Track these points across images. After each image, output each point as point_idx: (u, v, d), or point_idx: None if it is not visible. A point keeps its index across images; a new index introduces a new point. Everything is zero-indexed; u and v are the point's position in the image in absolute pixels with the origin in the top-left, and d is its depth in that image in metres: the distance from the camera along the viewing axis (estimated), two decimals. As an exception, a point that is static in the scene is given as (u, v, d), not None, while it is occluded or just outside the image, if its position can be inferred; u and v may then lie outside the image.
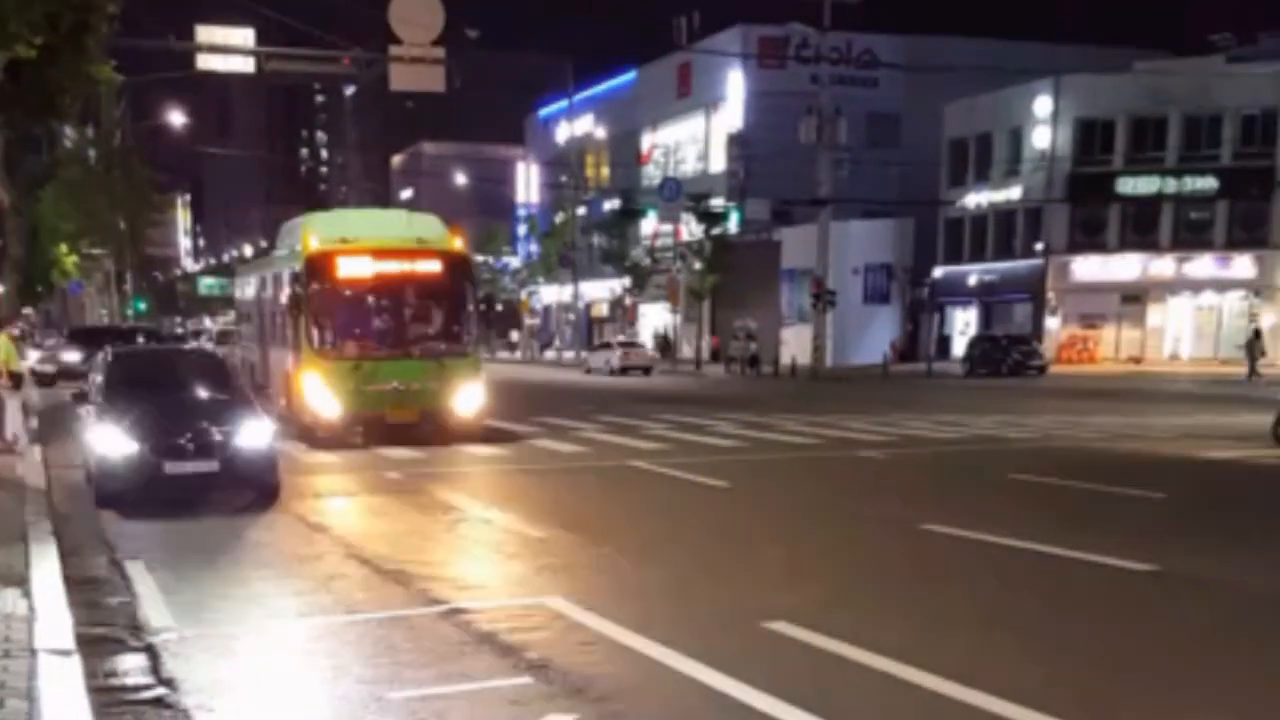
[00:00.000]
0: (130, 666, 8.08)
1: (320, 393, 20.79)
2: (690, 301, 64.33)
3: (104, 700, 7.26)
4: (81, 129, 49.14)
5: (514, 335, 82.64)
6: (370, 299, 21.85)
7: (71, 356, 36.95)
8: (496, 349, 72.71)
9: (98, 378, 16.72)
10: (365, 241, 21.40)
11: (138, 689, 7.62)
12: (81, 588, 10.10)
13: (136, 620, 9.28)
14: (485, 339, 23.51)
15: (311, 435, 21.22)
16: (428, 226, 22.65)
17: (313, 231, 21.62)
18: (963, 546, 12.01)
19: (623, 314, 76.09)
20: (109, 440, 14.59)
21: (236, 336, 49.32)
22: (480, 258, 65.59)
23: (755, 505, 15.30)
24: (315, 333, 20.95)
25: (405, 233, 22.03)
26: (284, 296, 22.29)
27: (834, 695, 7.25)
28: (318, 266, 20.95)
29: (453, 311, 22.17)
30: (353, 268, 21.14)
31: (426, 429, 21.29)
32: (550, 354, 79.42)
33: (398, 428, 21.07)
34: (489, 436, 22.15)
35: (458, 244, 22.37)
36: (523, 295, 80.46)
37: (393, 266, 21.36)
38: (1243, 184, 55.46)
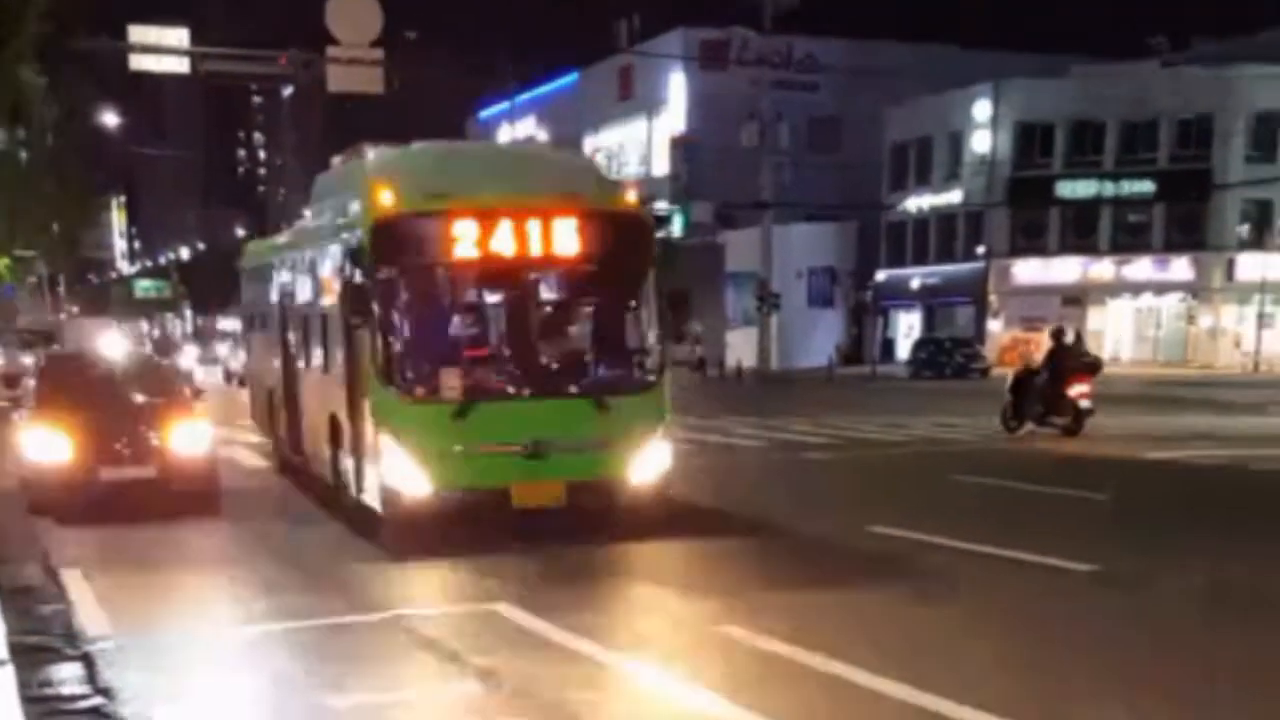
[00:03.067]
0: (66, 675, 7.92)
1: (395, 455, 11.95)
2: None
3: (39, 710, 7.13)
4: (11, 130, 48.36)
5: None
6: (485, 294, 13.34)
7: None
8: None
9: (31, 382, 16.40)
10: (479, 197, 12.40)
11: (74, 698, 7.47)
12: (15, 596, 9.89)
13: (72, 629, 9.09)
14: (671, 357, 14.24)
15: (375, 523, 12.64)
16: (578, 171, 14.61)
17: (385, 179, 12.45)
18: (908, 547, 11.98)
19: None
20: (42, 446, 14.30)
21: (234, 348, 45.28)
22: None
23: (699, 509, 15.21)
24: (388, 353, 12.10)
25: (541, 182, 13.16)
26: (330, 292, 13.90)
27: (783, 700, 7.19)
28: (394, 239, 12.18)
29: (625, 313, 13.25)
30: (455, 240, 12.16)
31: (576, 516, 12.40)
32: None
33: (530, 516, 12.29)
34: (676, 524, 13.03)
35: (630, 198, 13.13)
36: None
37: (524, 239, 12.31)
38: (1179, 187, 56.12)
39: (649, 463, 12.54)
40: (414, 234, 12.26)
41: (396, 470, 11.93)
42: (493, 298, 13.27)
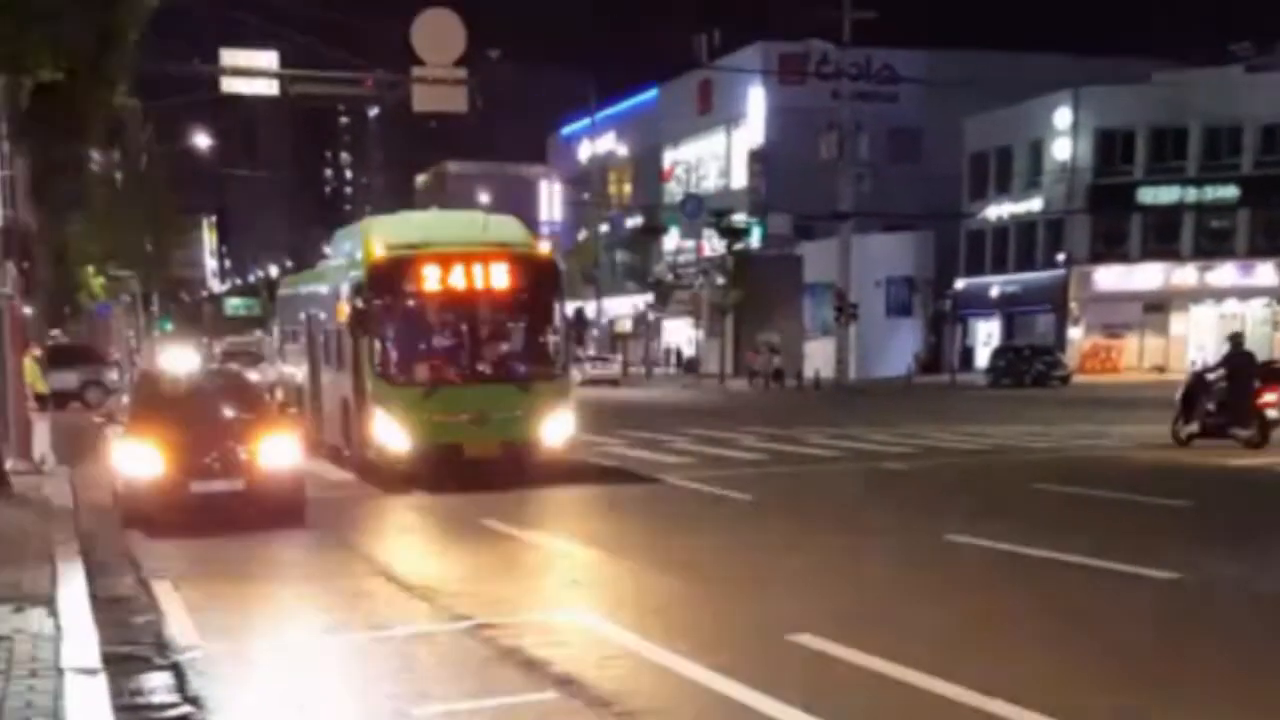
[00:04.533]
0: (156, 685, 8.11)
1: (386, 423, 17.90)
2: (714, 316, 64.35)
3: (130, 718, 7.31)
4: (108, 153, 49.43)
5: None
6: (445, 313, 19.08)
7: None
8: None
9: (124, 397, 16.84)
10: (438, 247, 18.64)
11: (163, 707, 7.66)
12: (108, 606, 10.13)
13: (163, 638, 9.31)
14: (576, 358, 20.85)
15: (374, 471, 18.62)
16: (508, 229, 20.11)
17: (377, 236, 19.00)
18: (986, 557, 11.99)
19: (646, 329, 76.13)
20: (135, 460, 14.68)
21: (269, 355, 48.46)
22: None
23: (778, 517, 15.29)
24: (379, 353, 18.16)
25: (483, 236, 19.36)
26: (340, 312, 19.69)
27: (859, 708, 7.25)
28: (383, 275, 18.23)
29: (540, 327, 19.30)
30: (424, 276, 18.30)
31: (507, 465, 18.13)
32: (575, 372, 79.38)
33: (475, 463, 18.02)
34: (577, 473, 19.02)
35: (544, 249, 20.17)
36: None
37: (471, 275, 18.34)
38: (1264, 192, 55.21)
39: (558, 429, 18.45)
40: (398, 272, 18.31)
41: (387, 433, 17.93)
42: (452, 315, 18.97)
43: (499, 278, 18.46)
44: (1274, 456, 20.52)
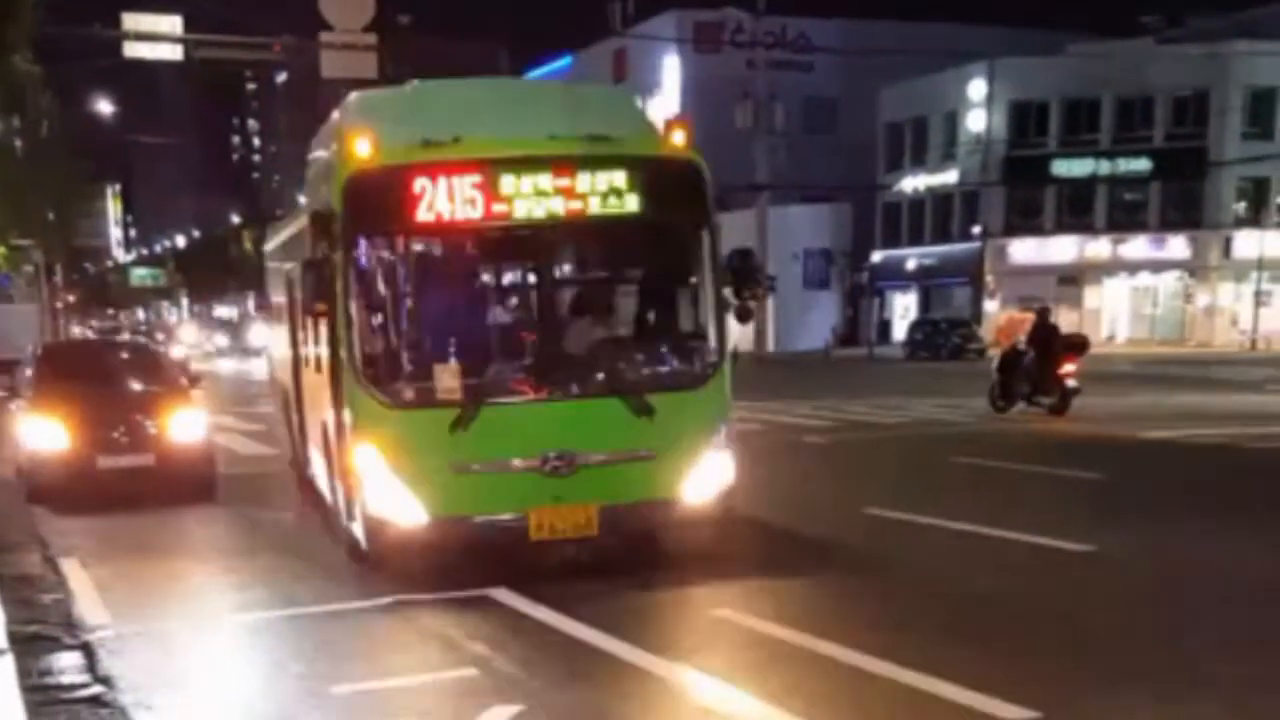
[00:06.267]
0: (66, 664, 7.95)
1: (379, 473, 9.55)
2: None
3: (39, 699, 7.15)
4: (7, 119, 48.29)
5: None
6: (492, 272, 11.21)
7: None
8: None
9: (27, 371, 16.40)
10: (481, 143, 9.70)
11: (74, 687, 7.50)
12: (14, 585, 9.94)
13: (72, 618, 9.13)
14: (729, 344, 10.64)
15: (369, 556, 10.21)
16: (615, 110, 11.28)
17: (365, 124, 9.83)
18: (906, 530, 12.01)
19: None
20: (40, 434, 14.32)
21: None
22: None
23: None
24: (367, 347, 9.83)
25: (566, 126, 9.97)
26: (305, 268, 10.42)
27: (778, 680, 7.22)
28: (372, 200, 9.60)
29: (676, 289, 10.80)
30: (455, 202, 9.47)
31: (611, 547, 10.30)
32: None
33: (556, 549, 10.07)
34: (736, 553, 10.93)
35: (680, 140, 10.27)
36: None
37: (542, 196, 9.61)
38: (1176, 165, 56.15)
39: (706, 477, 10.08)
40: (397, 193, 9.48)
41: (381, 493, 9.55)
42: (501, 274, 11.17)
43: (595, 201, 9.74)
44: (1181, 429, 20.85)
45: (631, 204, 9.82)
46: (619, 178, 9.76)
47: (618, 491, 9.68)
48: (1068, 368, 22.47)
